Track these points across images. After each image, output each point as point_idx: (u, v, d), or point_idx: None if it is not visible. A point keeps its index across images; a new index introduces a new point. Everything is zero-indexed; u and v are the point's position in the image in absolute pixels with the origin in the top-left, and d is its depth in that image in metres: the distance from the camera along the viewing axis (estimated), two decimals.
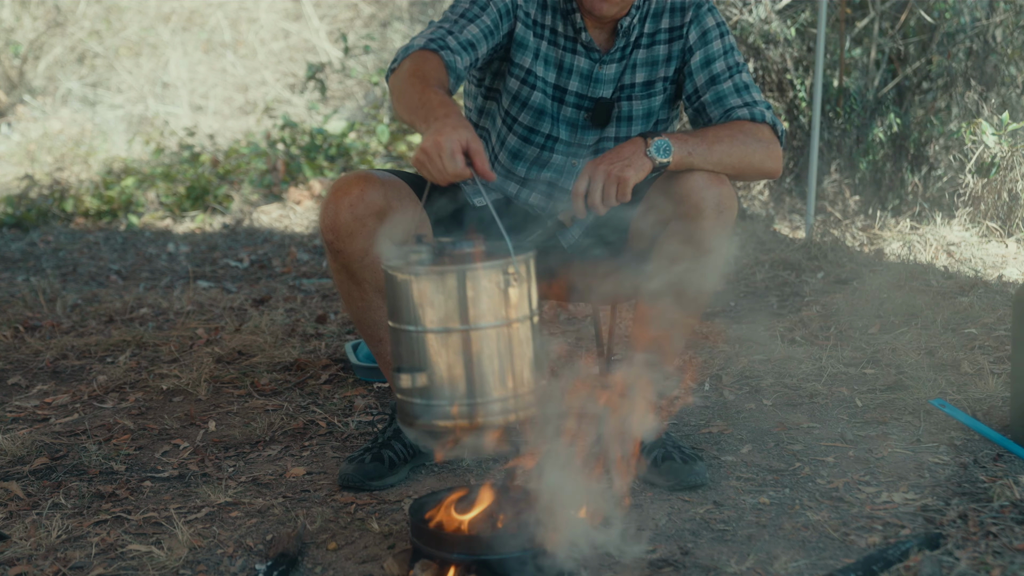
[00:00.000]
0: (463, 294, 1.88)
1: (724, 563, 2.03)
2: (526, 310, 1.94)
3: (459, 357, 1.90)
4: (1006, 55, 5.66)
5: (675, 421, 2.85)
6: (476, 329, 1.89)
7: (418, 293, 1.90)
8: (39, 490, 2.51)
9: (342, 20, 9.29)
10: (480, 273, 1.89)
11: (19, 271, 5.21)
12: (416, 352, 1.91)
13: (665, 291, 2.44)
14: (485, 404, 1.91)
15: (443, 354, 1.91)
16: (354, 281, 2.44)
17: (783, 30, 5.92)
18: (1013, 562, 1.99)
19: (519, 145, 2.55)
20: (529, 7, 2.46)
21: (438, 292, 1.89)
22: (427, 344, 1.91)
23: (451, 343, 1.90)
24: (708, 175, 2.32)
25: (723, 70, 2.47)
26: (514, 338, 1.92)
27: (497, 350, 1.91)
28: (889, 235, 4.80)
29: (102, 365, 3.52)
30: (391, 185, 2.42)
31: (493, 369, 1.91)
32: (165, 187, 6.78)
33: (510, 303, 1.91)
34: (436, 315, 1.89)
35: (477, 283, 1.89)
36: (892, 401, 2.91)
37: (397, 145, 7.28)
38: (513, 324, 1.92)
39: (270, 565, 2.03)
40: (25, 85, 9.12)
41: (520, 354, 1.94)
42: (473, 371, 1.90)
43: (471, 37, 2.38)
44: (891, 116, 5.63)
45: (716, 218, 2.33)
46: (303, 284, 4.77)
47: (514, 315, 1.92)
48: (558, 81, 2.49)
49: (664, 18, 2.50)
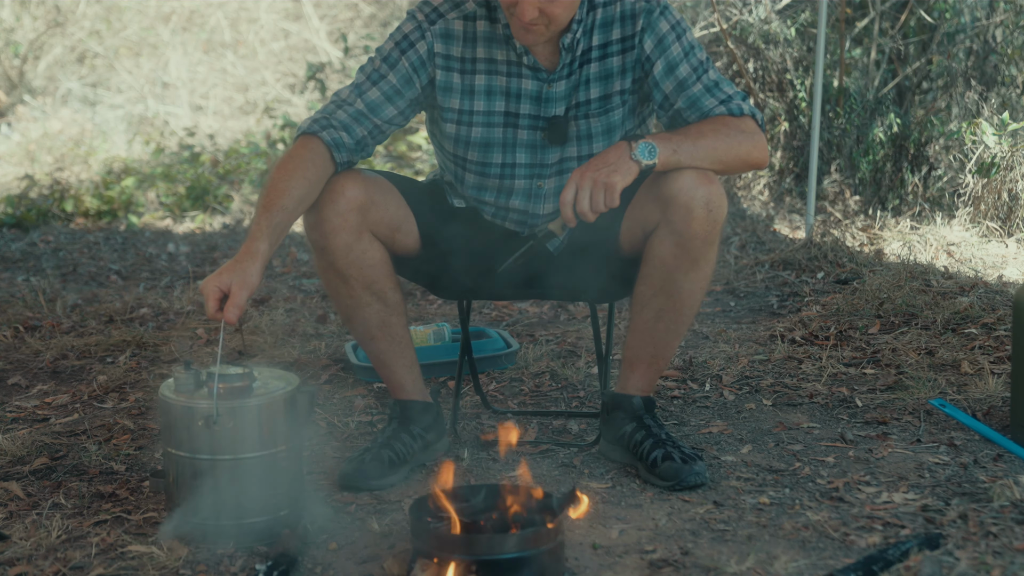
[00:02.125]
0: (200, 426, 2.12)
1: (724, 563, 2.03)
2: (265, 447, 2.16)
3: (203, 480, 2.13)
4: (1006, 55, 5.66)
5: (675, 421, 2.85)
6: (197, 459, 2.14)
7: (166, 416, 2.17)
8: (39, 490, 2.51)
9: (342, 20, 9.29)
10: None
11: (19, 271, 5.21)
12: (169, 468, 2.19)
13: (656, 292, 2.44)
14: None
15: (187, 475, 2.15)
16: (341, 279, 2.45)
17: (783, 30, 5.93)
18: (1013, 562, 1.99)
19: (478, 181, 2.54)
20: (450, 49, 2.44)
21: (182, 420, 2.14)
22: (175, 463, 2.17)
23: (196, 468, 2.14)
24: (697, 175, 2.31)
25: (688, 73, 2.40)
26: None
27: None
28: (889, 235, 4.80)
29: (102, 365, 3.52)
30: (372, 181, 2.43)
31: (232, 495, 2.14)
32: (165, 187, 6.78)
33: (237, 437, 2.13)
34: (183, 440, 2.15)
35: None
36: (892, 401, 2.91)
37: (397, 145, 7.28)
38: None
39: (270, 565, 2.03)
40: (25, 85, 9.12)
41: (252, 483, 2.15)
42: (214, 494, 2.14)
43: (371, 101, 2.42)
44: (891, 116, 5.63)
45: (706, 217, 2.32)
46: (303, 284, 4.77)
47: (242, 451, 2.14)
48: (508, 107, 2.46)
49: (615, 28, 2.43)
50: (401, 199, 2.49)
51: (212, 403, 2.10)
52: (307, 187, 2.31)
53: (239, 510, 2.15)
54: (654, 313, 2.46)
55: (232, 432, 2.11)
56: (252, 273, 2.15)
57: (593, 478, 2.48)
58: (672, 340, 2.50)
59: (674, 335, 2.49)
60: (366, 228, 2.41)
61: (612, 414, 2.56)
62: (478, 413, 2.96)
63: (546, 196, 2.53)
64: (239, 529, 2.15)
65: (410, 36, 2.44)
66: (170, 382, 2.20)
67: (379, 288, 2.47)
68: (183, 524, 2.17)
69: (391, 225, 2.46)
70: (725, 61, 6.06)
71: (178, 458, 2.16)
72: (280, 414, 2.16)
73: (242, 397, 2.13)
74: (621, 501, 2.35)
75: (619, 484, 2.44)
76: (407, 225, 2.49)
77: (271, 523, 2.17)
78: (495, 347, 3.39)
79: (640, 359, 2.53)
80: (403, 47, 2.44)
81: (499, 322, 3.96)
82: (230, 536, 2.15)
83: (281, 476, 2.19)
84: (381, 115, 2.43)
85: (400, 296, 2.53)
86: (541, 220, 2.56)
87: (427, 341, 3.42)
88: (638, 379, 2.54)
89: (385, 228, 2.45)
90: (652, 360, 2.53)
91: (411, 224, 2.49)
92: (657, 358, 2.52)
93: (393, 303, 2.51)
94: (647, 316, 2.47)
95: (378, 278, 2.46)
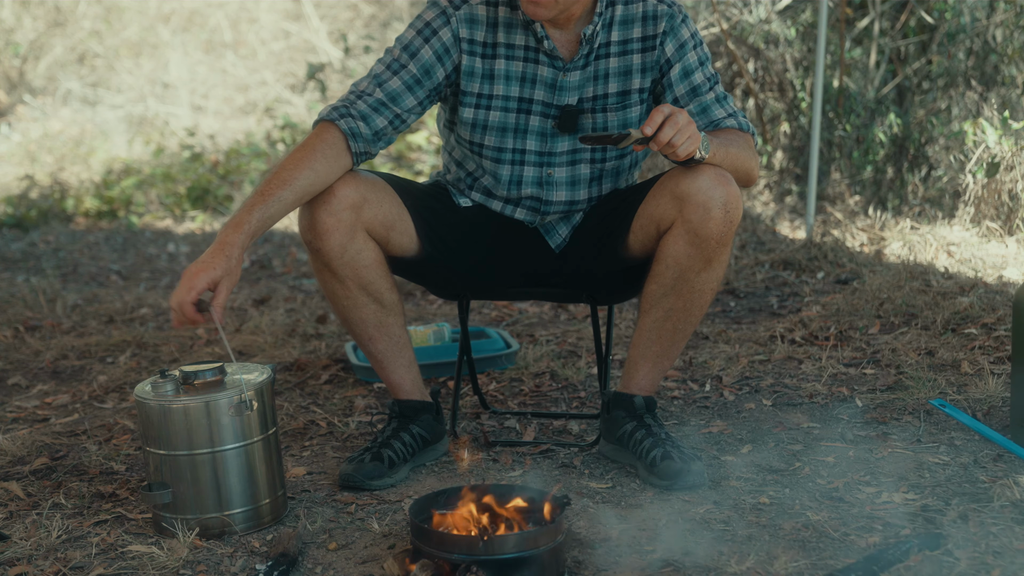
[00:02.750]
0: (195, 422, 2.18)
1: (724, 563, 2.03)
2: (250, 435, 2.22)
3: (201, 475, 2.20)
4: (1006, 55, 5.66)
5: (675, 421, 2.85)
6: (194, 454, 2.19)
7: (159, 420, 2.19)
8: (39, 490, 2.51)
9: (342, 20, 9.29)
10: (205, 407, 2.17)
11: (19, 271, 5.21)
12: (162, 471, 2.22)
13: (668, 292, 2.44)
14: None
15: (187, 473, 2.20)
16: (337, 279, 2.45)
17: (783, 30, 5.93)
18: (1013, 562, 1.99)
19: (493, 168, 2.55)
20: (475, 34, 2.46)
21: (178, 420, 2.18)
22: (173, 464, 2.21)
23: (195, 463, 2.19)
24: (715, 175, 2.33)
25: (703, 81, 2.47)
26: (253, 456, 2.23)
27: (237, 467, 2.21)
28: (889, 235, 4.80)
29: (102, 365, 3.52)
30: (366, 180, 2.43)
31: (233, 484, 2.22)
32: (165, 187, 6.79)
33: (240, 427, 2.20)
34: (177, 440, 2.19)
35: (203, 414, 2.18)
36: (892, 401, 2.91)
37: (397, 145, 7.28)
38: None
39: (270, 565, 2.03)
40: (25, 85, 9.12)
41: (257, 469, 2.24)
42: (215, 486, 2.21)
43: (392, 91, 2.42)
44: (891, 116, 5.63)
45: (723, 218, 2.33)
46: (303, 284, 4.77)
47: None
48: (522, 93, 2.49)
49: (635, 27, 2.47)
50: (396, 198, 2.49)
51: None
52: (313, 178, 2.32)
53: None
54: (663, 312, 2.46)
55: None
56: (235, 266, 2.18)
57: (593, 478, 2.48)
58: (679, 340, 2.51)
59: (681, 335, 2.50)
60: (360, 228, 2.41)
61: (613, 412, 2.56)
62: (478, 413, 2.96)
63: (557, 184, 2.54)
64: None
65: (432, 24, 2.45)
66: (146, 385, 2.26)
67: (375, 289, 2.47)
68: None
69: (385, 224, 2.45)
70: (725, 61, 6.06)
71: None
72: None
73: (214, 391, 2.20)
74: (621, 501, 2.35)
75: (619, 484, 2.44)
76: (402, 224, 2.48)
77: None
78: (495, 347, 3.39)
79: (645, 358, 2.53)
80: (426, 35, 2.45)
81: (499, 322, 3.96)
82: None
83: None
84: (402, 104, 2.43)
85: (397, 296, 2.54)
86: (554, 208, 2.56)
87: (427, 341, 3.42)
88: (642, 378, 2.55)
89: (379, 227, 2.44)
90: (657, 360, 2.53)
91: (406, 223, 2.49)
92: (662, 358, 2.53)
93: (390, 303, 2.51)
94: (656, 315, 2.47)
95: (374, 279, 2.46)
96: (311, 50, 8.97)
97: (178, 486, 2.19)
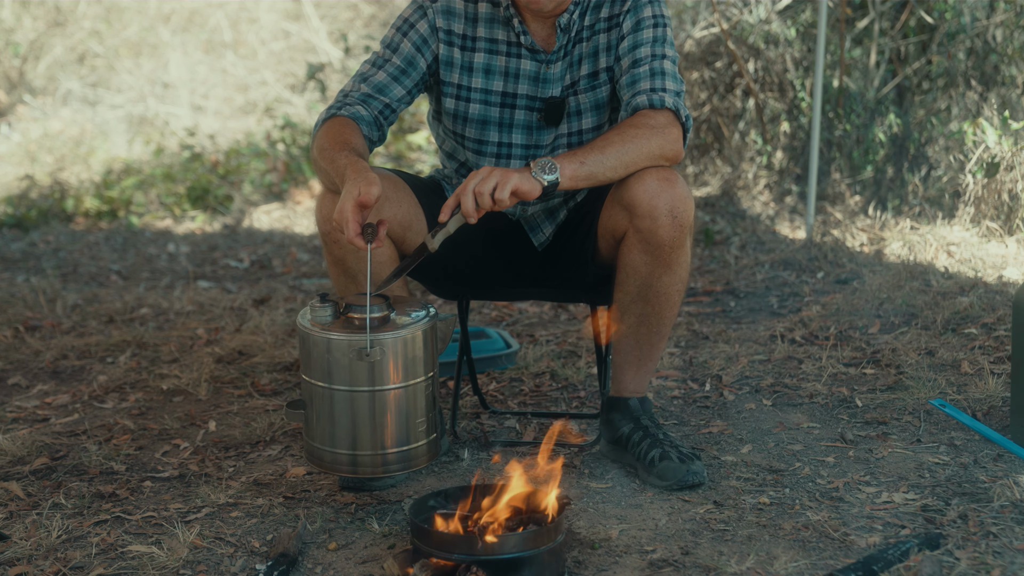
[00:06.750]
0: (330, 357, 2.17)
1: (724, 563, 2.03)
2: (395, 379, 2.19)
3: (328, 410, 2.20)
4: (1006, 55, 5.66)
5: (675, 421, 2.85)
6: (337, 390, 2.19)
7: (306, 348, 2.20)
8: (39, 490, 2.51)
9: (342, 20, 9.29)
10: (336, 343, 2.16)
11: (19, 271, 5.21)
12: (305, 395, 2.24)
13: (634, 299, 2.45)
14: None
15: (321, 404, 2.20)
16: (348, 276, 2.45)
17: (783, 30, 5.93)
18: (1013, 562, 1.99)
19: (475, 159, 2.56)
20: (452, 25, 2.48)
21: (319, 351, 2.18)
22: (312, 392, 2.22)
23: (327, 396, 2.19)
24: (658, 178, 2.30)
25: (645, 55, 2.43)
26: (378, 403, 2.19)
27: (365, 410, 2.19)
28: (889, 235, 4.80)
29: (102, 365, 3.52)
30: (387, 178, 2.43)
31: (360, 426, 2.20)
32: (165, 187, 6.78)
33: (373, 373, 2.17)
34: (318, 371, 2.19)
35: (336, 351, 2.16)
36: (892, 401, 2.91)
37: (396, 144, 7.28)
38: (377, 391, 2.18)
39: (270, 565, 2.03)
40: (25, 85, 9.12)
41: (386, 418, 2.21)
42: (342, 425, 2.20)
43: (378, 83, 2.45)
44: (891, 116, 5.63)
45: (671, 224, 2.32)
46: (303, 284, 4.77)
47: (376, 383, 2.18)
48: (506, 88, 2.50)
49: (604, 7, 2.49)
50: (413, 197, 2.49)
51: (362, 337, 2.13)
52: (362, 142, 2.34)
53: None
54: (636, 318, 2.47)
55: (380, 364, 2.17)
56: (373, 178, 2.16)
57: (593, 478, 2.49)
58: (657, 342, 2.51)
59: (658, 336, 2.51)
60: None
61: (610, 416, 2.57)
62: (478, 413, 2.96)
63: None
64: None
65: (410, 19, 2.50)
66: (306, 311, 2.23)
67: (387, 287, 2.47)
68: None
69: (403, 224, 2.44)
70: (725, 61, 6.06)
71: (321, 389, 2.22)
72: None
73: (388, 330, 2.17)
74: (621, 501, 2.35)
75: (619, 484, 2.44)
76: (418, 224, 2.48)
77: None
78: (495, 347, 3.39)
79: (628, 363, 2.54)
80: (404, 30, 2.49)
81: (499, 322, 3.96)
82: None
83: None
84: (389, 94, 2.46)
85: (407, 295, 2.53)
86: (536, 200, 2.55)
87: None
88: (629, 381, 2.56)
89: (397, 227, 2.43)
90: (640, 363, 2.54)
91: (421, 223, 2.48)
92: (645, 360, 2.54)
93: None
94: (629, 321, 2.48)
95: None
96: (311, 50, 8.96)
97: (335, 422, 2.20)
